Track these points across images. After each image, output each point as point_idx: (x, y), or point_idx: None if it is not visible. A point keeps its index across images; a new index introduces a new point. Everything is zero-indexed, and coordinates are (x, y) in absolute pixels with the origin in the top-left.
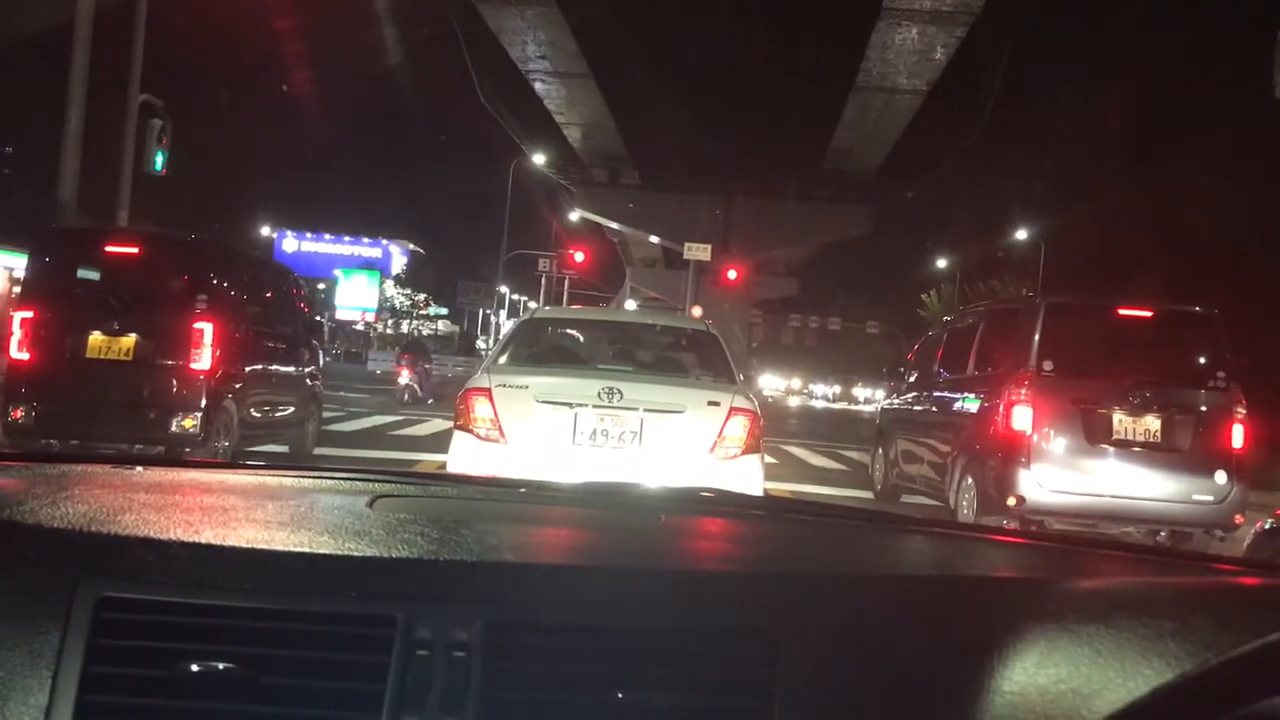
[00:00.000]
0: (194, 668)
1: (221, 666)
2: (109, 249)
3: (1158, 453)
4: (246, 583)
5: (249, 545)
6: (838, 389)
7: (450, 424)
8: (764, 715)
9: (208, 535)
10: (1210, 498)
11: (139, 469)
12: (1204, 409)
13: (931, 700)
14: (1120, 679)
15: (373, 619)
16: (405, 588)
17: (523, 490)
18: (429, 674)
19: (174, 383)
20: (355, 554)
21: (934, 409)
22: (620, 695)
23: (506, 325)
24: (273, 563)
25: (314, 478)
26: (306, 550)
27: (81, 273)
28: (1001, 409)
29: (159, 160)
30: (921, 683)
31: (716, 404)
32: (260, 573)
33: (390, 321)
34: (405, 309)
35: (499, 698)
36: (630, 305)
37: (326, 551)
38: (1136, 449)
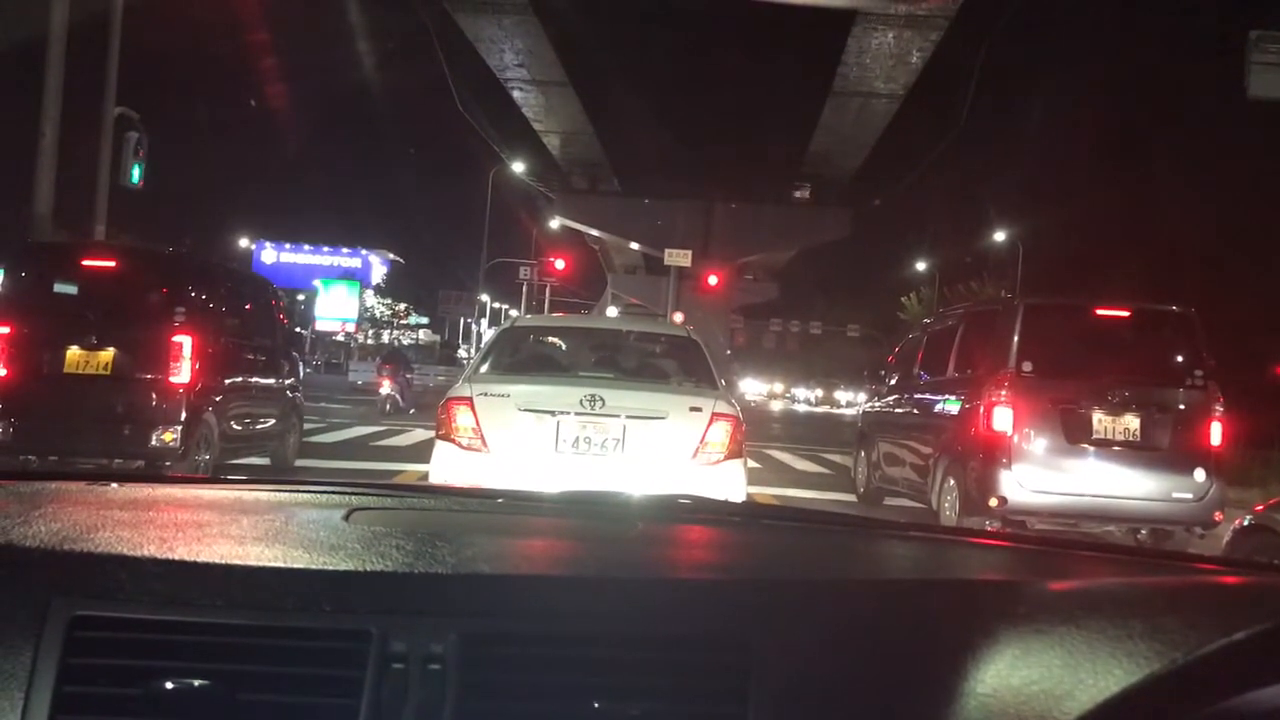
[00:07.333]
0: (168, 685)
1: (196, 684)
2: (86, 263)
3: (1137, 451)
4: (220, 599)
5: (223, 561)
6: (819, 393)
7: (432, 434)
8: None
9: (181, 552)
10: (1189, 495)
11: (114, 485)
12: (1182, 407)
13: (905, 704)
14: (1091, 680)
15: (347, 633)
16: (380, 601)
17: (500, 501)
18: (404, 687)
19: (153, 396)
20: (330, 568)
21: (915, 411)
22: (596, 705)
23: (488, 334)
24: (247, 578)
25: (290, 491)
26: (281, 565)
27: (58, 287)
28: (982, 410)
29: (136, 173)
30: (896, 687)
31: (698, 410)
32: (234, 588)
33: (371, 332)
34: (386, 319)
35: (474, 710)
36: (612, 312)
37: (301, 566)
38: (1116, 448)
